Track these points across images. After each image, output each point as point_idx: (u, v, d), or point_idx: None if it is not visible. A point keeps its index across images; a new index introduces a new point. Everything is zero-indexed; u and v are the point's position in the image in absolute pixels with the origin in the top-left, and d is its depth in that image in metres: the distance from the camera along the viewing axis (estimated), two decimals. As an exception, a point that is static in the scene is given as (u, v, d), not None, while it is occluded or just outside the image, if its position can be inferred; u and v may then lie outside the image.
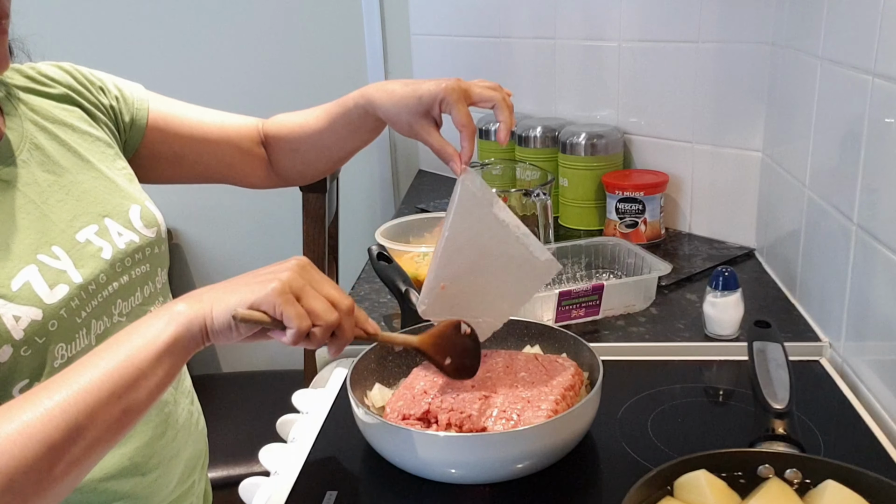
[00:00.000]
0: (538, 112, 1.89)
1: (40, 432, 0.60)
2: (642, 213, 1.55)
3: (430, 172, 2.29)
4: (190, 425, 0.98)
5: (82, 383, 0.63)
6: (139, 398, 0.65)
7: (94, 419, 0.62)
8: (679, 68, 1.56)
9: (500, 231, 0.90)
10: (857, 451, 0.91)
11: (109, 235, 0.85)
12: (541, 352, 1.05)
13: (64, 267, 0.78)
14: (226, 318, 0.68)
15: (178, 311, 0.68)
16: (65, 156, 0.87)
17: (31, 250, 0.77)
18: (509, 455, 0.83)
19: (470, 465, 0.84)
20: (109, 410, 0.63)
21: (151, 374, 0.66)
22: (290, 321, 0.69)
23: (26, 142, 0.84)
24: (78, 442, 0.61)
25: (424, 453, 0.84)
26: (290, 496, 0.87)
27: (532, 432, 0.83)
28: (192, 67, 2.27)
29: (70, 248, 0.80)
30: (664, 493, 0.73)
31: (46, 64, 0.94)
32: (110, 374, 0.64)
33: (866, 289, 1.02)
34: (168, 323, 0.67)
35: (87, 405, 0.62)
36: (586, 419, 0.89)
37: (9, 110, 0.85)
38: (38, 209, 0.81)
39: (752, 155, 1.48)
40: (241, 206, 2.35)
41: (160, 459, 0.90)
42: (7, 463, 0.58)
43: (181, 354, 0.68)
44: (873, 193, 0.99)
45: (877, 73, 0.97)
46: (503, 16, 1.92)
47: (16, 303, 0.73)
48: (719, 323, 1.16)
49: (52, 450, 0.60)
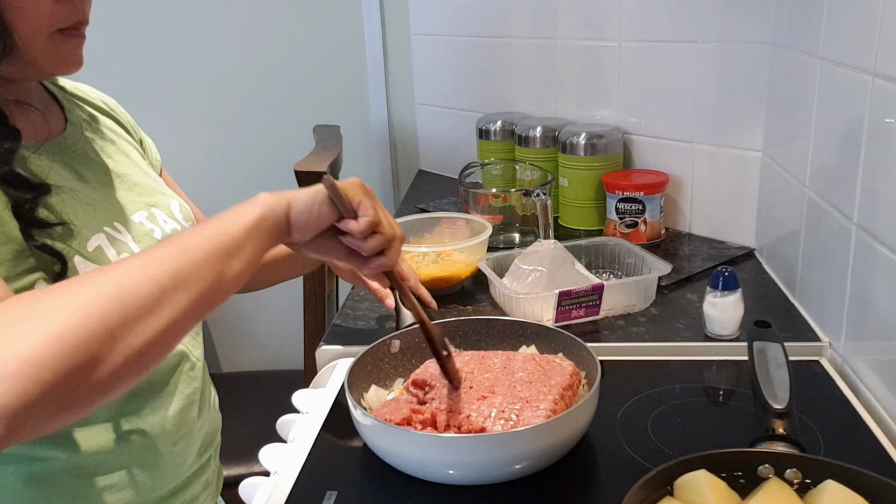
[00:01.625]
0: (538, 112, 1.89)
1: (151, 269, 0.64)
2: (642, 213, 1.55)
3: (430, 172, 2.29)
4: (210, 401, 1.01)
5: (183, 244, 0.68)
6: (231, 270, 0.70)
7: (196, 272, 0.67)
8: (679, 68, 1.55)
9: None
10: (857, 451, 0.91)
11: (157, 221, 0.92)
12: (537, 352, 1.05)
13: (125, 240, 0.86)
14: (309, 198, 0.76)
15: (261, 198, 0.75)
16: (115, 153, 0.95)
17: (100, 222, 0.84)
18: (508, 456, 0.83)
19: (469, 465, 0.84)
20: (208, 269, 0.68)
21: (240, 250, 0.70)
22: (367, 210, 0.78)
23: (83, 133, 0.91)
24: (179, 291, 0.65)
25: (422, 454, 0.84)
26: (290, 496, 0.87)
27: (530, 433, 0.83)
28: (192, 67, 2.27)
29: (128, 226, 0.87)
30: (664, 493, 0.73)
31: (84, 86, 1.01)
32: (207, 239, 0.69)
33: (866, 289, 1.02)
34: (254, 205, 0.74)
35: (189, 259, 0.67)
36: (585, 419, 0.89)
37: (67, 104, 0.93)
38: (100, 192, 0.88)
39: (752, 155, 1.48)
40: (242, 206, 2.35)
41: (187, 430, 0.92)
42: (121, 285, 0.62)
43: (266, 235, 0.73)
44: (873, 193, 0.99)
45: (877, 73, 0.97)
46: (503, 16, 1.92)
47: (91, 261, 0.79)
48: (719, 323, 1.16)
49: (161, 289, 0.64)
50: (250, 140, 2.33)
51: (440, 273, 1.33)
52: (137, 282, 0.63)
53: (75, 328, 0.59)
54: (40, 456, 0.78)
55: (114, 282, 0.63)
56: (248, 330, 2.46)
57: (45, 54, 0.77)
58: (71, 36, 0.78)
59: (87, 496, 0.82)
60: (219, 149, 2.33)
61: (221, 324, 2.49)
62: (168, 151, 2.33)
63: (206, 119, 2.31)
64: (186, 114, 2.30)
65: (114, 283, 0.62)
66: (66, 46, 0.78)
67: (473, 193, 1.61)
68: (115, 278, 0.63)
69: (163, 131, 2.29)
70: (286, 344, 2.36)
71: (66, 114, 0.91)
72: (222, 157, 2.34)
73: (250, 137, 2.32)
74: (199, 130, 2.32)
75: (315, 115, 2.24)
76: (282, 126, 2.30)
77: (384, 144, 2.34)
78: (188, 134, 2.31)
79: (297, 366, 1.93)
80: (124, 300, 0.62)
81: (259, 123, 2.31)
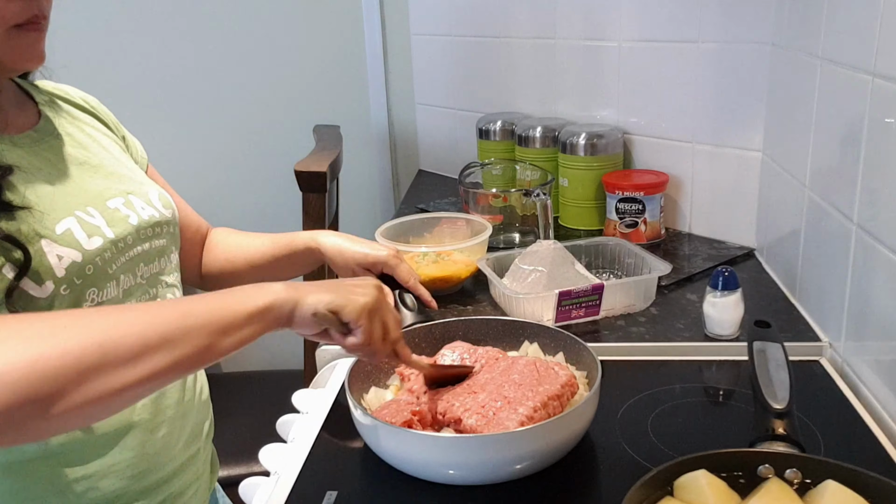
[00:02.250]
0: (538, 112, 1.89)
1: (142, 323, 0.66)
2: (642, 213, 1.55)
3: (430, 172, 2.29)
4: (195, 391, 1.00)
5: (184, 309, 0.69)
6: (221, 345, 0.70)
7: (185, 338, 0.67)
8: (679, 68, 1.55)
9: None
10: (857, 450, 0.91)
11: (134, 208, 0.92)
12: (539, 350, 1.05)
13: (98, 223, 0.86)
14: (311, 309, 0.76)
15: (276, 288, 0.76)
16: (92, 145, 0.95)
17: (71, 206, 0.84)
18: (507, 456, 0.84)
19: (468, 466, 0.84)
20: (200, 338, 0.68)
21: (236, 330, 0.71)
22: (360, 335, 0.80)
23: (57, 128, 0.92)
24: (161, 352, 0.66)
25: (423, 455, 0.85)
26: (290, 496, 0.87)
27: (529, 433, 0.83)
28: (191, 67, 2.27)
29: (102, 211, 0.88)
30: (664, 493, 0.73)
31: (66, 86, 1.02)
32: (210, 310, 0.70)
33: (866, 289, 1.02)
34: (266, 293, 0.74)
35: (184, 324, 0.68)
36: (584, 420, 0.89)
37: (41, 100, 0.94)
38: (73, 178, 0.88)
39: (752, 155, 1.48)
40: (242, 207, 2.35)
41: (166, 419, 0.91)
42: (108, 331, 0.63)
43: (266, 324, 0.74)
44: (873, 193, 0.99)
45: (877, 73, 0.97)
46: (503, 15, 1.92)
47: (59, 244, 0.80)
48: (719, 323, 1.16)
49: (145, 346, 0.65)
50: (250, 140, 2.33)
51: (440, 273, 1.33)
52: (125, 332, 0.64)
53: (51, 359, 0.60)
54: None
55: (103, 326, 0.64)
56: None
57: (4, 50, 0.79)
58: (28, 30, 0.79)
59: (65, 485, 0.82)
60: (219, 148, 2.33)
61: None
62: (168, 151, 2.33)
63: (207, 119, 2.31)
64: (187, 113, 2.30)
65: (102, 328, 0.64)
66: (26, 40, 0.80)
67: (473, 193, 1.61)
68: (105, 323, 0.65)
69: (163, 131, 2.30)
70: (286, 344, 2.35)
71: (40, 109, 0.92)
72: (223, 157, 2.34)
73: (250, 137, 2.32)
74: (199, 130, 2.32)
75: (315, 115, 2.24)
76: (282, 126, 2.30)
77: (384, 144, 2.34)
78: (188, 133, 2.31)
79: (297, 366, 1.94)
80: (106, 346, 0.63)
81: (259, 123, 2.31)
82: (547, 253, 1.30)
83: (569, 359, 1.02)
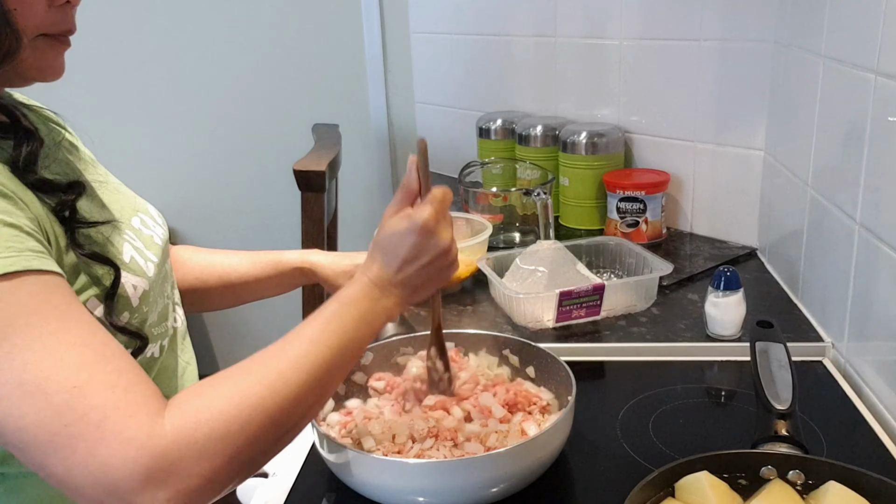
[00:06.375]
0: (539, 111, 1.89)
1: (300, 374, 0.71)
2: (643, 213, 1.54)
3: (431, 171, 2.28)
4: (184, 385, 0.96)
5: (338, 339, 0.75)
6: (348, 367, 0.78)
7: (346, 365, 0.76)
8: (681, 66, 1.55)
9: None
10: (860, 452, 0.90)
11: (149, 226, 0.91)
12: (518, 362, 1.01)
13: (139, 246, 0.84)
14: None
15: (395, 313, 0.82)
16: (83, 161, 0.90)
17: (120, 227, 0.82)
18: (479, 480, 0.80)
19: (439, 492, 0.80)
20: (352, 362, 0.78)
21: (361, 350, 0.79)
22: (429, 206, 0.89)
23: (55, 143, 0.86)
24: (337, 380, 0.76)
25: (388, 481, 0.81)
26: (289, 498, 0.87)
27: (496, 458, 0.79)
28: (191, 66, 2.27)
29: (136, 233, 0.86)
30: (665, 494, 0.73)
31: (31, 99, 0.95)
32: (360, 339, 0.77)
33: (869, 288, 1.01)
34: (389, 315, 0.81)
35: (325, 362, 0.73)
36: (556, 442, 0.85)
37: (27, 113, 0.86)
38: (103, 197, 0.85)
39: (754, 154, 1.48)
40: (240, 207, 2.35)
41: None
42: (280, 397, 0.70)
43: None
44: (876, 192, 0.98)
45: (879, 72, 0.96)
46: (503, 14, 1.91)
47: (130, 273, 0.79)
48: (721, 323, 1.15)
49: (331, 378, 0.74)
50: (249, 139, 2.32)
51: (440, 273, 1.32)
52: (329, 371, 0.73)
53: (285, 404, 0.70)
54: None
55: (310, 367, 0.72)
56: (247, 330, 2.45)
57: (28, 58, 0.74)
58: (58, 42, 0.76)
59: (59, 497, 0.79)
60: (218, 148, 2.33)
61: (220, 324, 2.49)
62: (167, 151, 2.33)
63: (206, 118, 2.30)
64: (186, 113, 2.30)
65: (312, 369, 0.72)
66: (52, 52, 0.76)
67: (473, 192, 1.61)
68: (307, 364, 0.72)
69: (162, 131, 2.30)
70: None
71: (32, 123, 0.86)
72: (222, 156, 2.33)
73: (249, 136, 2.32)
74: (198, 129, 2.31)
75: (314, 113, 2.24)
76: (281, 125, 2.30)
77: (384, 143, 2.34)
78: (187, 133, 2.30)
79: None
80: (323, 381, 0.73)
81: (258, 122, 2.31)
82: (547, 253, 1.29)
83: (539, 374, 0.98)
